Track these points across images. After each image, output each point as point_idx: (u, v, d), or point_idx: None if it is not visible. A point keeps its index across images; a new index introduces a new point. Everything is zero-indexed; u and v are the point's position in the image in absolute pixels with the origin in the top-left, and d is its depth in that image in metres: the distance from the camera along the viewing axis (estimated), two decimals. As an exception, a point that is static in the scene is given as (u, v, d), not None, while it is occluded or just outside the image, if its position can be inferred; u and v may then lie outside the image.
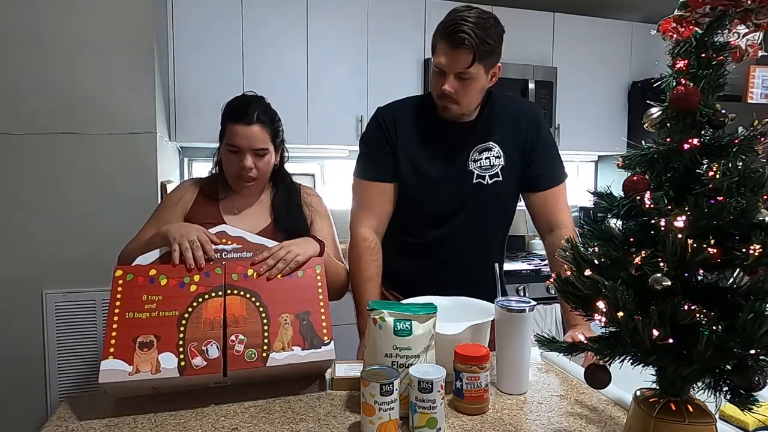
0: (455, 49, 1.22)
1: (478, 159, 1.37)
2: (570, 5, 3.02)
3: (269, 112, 1.37)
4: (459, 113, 1.34)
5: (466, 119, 1.37)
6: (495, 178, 1.38)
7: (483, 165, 1.37)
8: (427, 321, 0.96)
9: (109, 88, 1.97)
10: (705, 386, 0.71)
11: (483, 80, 1.29)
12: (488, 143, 1.38)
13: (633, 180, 0.73)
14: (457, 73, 1.25)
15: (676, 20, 0.73)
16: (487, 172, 1.37)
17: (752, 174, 0.68)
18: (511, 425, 0.92)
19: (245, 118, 1.31)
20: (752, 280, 0.67)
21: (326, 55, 2.65)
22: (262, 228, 1.37)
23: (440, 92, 1.29)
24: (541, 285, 2.63)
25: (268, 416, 0.94)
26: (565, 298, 0.76)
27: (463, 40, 1.20)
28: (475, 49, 1.21)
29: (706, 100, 0.70)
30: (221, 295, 1.06)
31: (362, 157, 1.45)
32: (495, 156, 1.38)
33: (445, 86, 1.27)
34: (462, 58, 1.23)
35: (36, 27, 1.90)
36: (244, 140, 1.31)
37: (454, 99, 1.29)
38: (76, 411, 0.95)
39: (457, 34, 1.21)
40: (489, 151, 1.38)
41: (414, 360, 0.94)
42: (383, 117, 1.42)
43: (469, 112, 1.35)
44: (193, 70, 2.46)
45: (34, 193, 1.93)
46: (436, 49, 1.28)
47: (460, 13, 1.23)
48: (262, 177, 1.37)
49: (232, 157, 1.34)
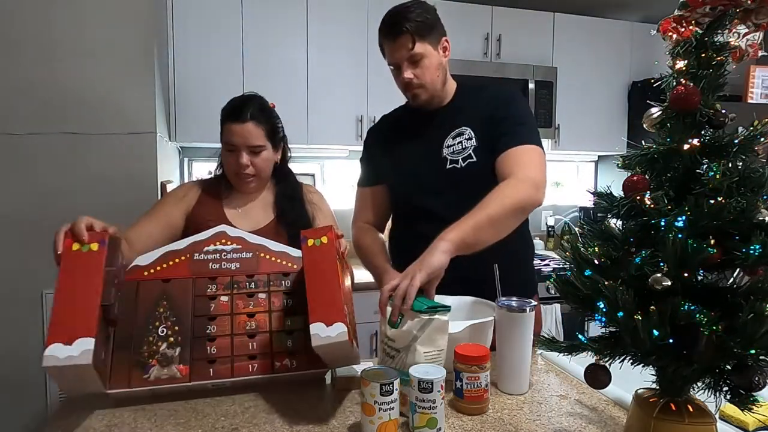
0: (396, 39, 1.31)
1: (452, 145, 1.39)
2: (570, 5, 3.02)
3: (265, 110, 1.39)
4: (428, 96, 1.38)
5: (439, 102, 1.42)
6: (468, 160, 1.37)
7: (455, 150, 1.38)
8: (417, 320, 0.96)
9: (109, 88, 1.97)
10: (705, 386, 0.71)
11: (435, 56, 1.35)
12: (460, 128, 1.40)
13: (633, 180, 0.73)
14: (409, 59, 1.32)
15: (676, 20, 0.73)
16: (459, 155, 1.37)
17: (752, 174, 0.68)
18: (511, 425, 0.92)
19: (239, 116, 1.34)
20: (752, 280, 0.67)
21: (326, 55, 2.65)
22: (264, 225, 1.38)
23: (403, 83, 1.36)
24: (541, 285, 2.63)
25: (268, 416, 0.94)
26: (565, 298, 0.76)
27: (399, 28, 1.29)
28: (412, 29, 1.29)
29: (706, 100, 0.70)
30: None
31: (361, 169, 1.55)
32: (467, 138, 1.39)
33: (403, 75, 1.34)
34: (404, 43, 1.30)
35: (36, 28, 1.90)
36: (239, 138, 1.34)
37: (417, 84, 1.35)
38: (76, 411, 0.95)
39: (393, 26, 1.31)
40: (461, 135, 1.39)
41: (394, 353, 0.97)
42: (371, 131, 1.56)
43: (437, 92, 1.39)
44: (193, 70, 2.46)
45: (34, 193, 1.93)
46: (383, 50, 1.37)
47: (391, 11, 1.33)
48: (261, 174, 1.39)
49: (229, 156, 1.36)
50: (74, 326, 0.84)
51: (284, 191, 1.45)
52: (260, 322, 1.07)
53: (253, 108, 1.36)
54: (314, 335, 0.90)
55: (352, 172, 3.00)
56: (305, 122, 2.63)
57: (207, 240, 1.13)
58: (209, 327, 1.05)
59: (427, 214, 1.39)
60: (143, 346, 1.00)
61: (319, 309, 0.92)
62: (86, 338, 0.84)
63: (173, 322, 1.03)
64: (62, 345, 0.82)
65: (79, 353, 0.82)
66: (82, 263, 0.91)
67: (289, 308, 1.10)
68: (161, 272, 1.08)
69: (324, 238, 1.03)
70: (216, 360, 1.02)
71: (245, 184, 1.39)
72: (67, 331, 0.84)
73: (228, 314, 1.07)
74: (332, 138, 2.70)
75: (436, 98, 1.40)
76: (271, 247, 1.16)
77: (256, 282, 1.11)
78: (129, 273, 1.07)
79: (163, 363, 0.99)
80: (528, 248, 1.52)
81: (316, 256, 1.01)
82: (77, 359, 0.82)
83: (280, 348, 1.06)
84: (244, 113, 1.34)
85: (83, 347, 0.83)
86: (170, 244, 1.13)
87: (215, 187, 1.44)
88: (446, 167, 1.38)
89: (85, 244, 0.94)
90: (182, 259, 1.10)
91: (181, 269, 1.09)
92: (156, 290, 1.06)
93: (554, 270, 2.77)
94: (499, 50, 2.84)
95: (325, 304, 0.93)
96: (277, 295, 1.11)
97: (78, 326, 0.84)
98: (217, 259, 1.12)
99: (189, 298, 1.06)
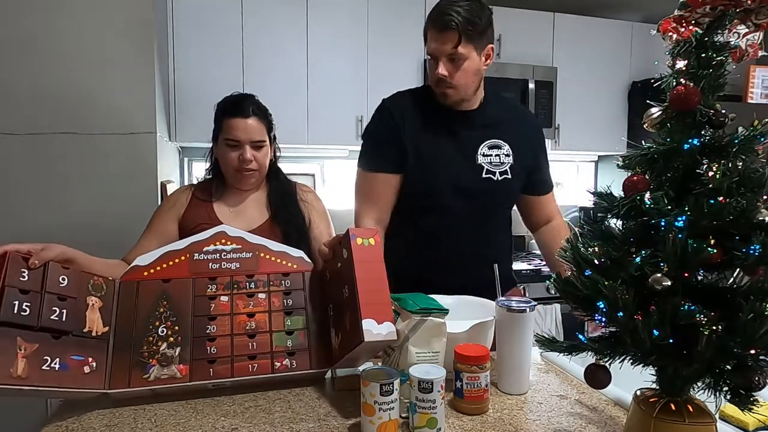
0: (442, 32, 1.28)
1: (488, 155, 1.40)
2: (570, 5, 3.02)
3: (261, 106, 1.42)
4: (458, 98, 1.36)
5: (467, 105, 1.40)
6: (504, 176, 1.42)
7: (493, 161, 1.40)
8: (409, 320, 0.97)
9: (109, 88, 1.97)
10: (705, 386, 0.71)
11: (476, 61, 1.32)
12: (498, 141, 1.42)
13: (633, 180, 0.73)
14: (449, 56, 1.30)
15: (676, 20, 0.73)
16: (497, 168, 1.40)
17: (752, 174, 0.68)
18: (511, 425, 0.92)
19: (242, 111, 1.35)
20: (752, 280, 0.67)
21: (326, 55, 2.65)
22: (259, 224, 1.38)
23: (436, 78, 1.33)
24: (541, 285, 2.63)
25: (268, 416, 0.94)
26: (565, 298, 0.76)
27: (448, 22, 1.26)
28: (461, 28, 1.27)
29: (706, 100, 0.70)
30: None
31: (367, 150, 1.44)
32: (504, 154, 1.42)
33: (438, 70, 1.31)
34: (450, 38, 1.28)
35: (36, 27, 1.90)
36: (243, 133, 1.34)
37: (449, 83, 1.32)
38: (76, 411, 0.95)
39: (443, 17, 1.27)
40: (498, 148, 1.42)
41: (390, 351, 0.99)
42: (389, 108, 1.42)
43: (467, 96, 1.37)
44: (193, 70, 2.46)
45: (34, 193, 1.93)
46: (426, 38, 1.34)
47: (445, 1, 1.30)
48: (262, 169, 1.40)
49: (231, 151, 1.36)
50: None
51: (277, 189, 1.45)
52: (260, 322, 1.07)
53: (253, 104, 1.38)
54: (367, 330, 0.92)
55: (352, 172, 2.99)
56: (305, 122, 2.64)
57: (207, 240, 1.13)
58: (209, 327, 1.04)
59: (443, 213, 1.40)
60: (143, 346, 1.00)
61: (371, 306, 0.95)
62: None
63: (173, 322, 1.03)
64: None
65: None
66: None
67: (289, 308, 1.10)
68: (161, 272, 1.08)
69: (372, 239, 1.04)
70: (216, 360, 1.02)
71: (246, 180, 1.39)
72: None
73: (228, 314, 1.07)
74: (332, 138, 2.70)
75: (465, 102, 1.39)
76: (271, 247, 1.16)
77: (255, 282, 1.11)
78: (128, 273, 1.07)
79: (163, 363, 0.99)
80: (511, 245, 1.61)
81: (367, 255, 1.01)
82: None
83: (280, 348, 1.06)
84: (246, 108, 1.36)
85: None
86: (170, 244, 1.13)
87: (205, 190, 1.43)
88: (482, 175, 1.40)
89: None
90: (182, 259, 1.10)
91: (181, 269, 1.09)
92: (156, 290, 1.06)
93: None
94: (500, 50, 2.84)
95: (377, 303, 0.95)
96: (277, 295, 1.11)
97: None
98: (217, 259, 1.12)
99: (189, 298, 1.06)
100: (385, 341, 0.94)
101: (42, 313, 0.92)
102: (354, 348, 0.95)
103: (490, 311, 1.10)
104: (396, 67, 2.76)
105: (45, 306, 0.93)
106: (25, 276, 0.93)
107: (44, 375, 0.88)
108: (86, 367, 0.94)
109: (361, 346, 0.93)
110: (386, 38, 2.73)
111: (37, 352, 0.89)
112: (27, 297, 0.91)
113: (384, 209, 1.42)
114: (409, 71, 2.79)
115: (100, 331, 0.99)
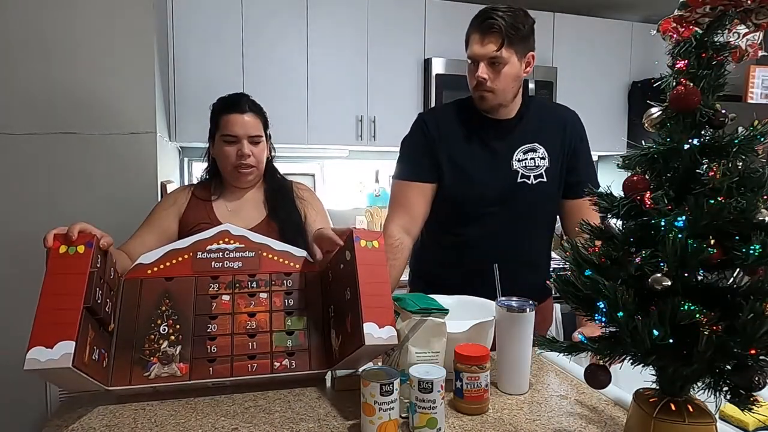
0: (485, 35, 1.30)
1: (523, 159, 1.39)
2: (570, 5, 3.02)
3: (257, 103, 1.44)
4: (495, 103, 1.36)
5: (505, 113, 1.40)
6: (539, 179, 1.40)
7: (528, 165, 1.39)
8: (409, 320, 0.97)
9: (109, 89, 1.97)
10: (705, 386, 0.71)
11: (516, 67, 1.33)
12: (533, 144, 1.40)
13: (633, 180, 0.73)
14: (490, 60, 1.31)
15: (676, 20, 0.73)
16: (531, 172, 1.39)
17: (752, 174, 0.68)
18: (511, 425, 0.92)
19: (238, 107, 1.38)
20: (752, 280, 0.67)
21: (326, 55, 2.65)
22: (257, 223, 1.38)
23: (475, 81, 1.33)
24: (541, 285, 2.62)
25: (268, 416, 0.94)
26: (565, 298, 0.76)
27: (492, 26, 1.28)
28: (504, 32, 1.28)
29: (706, 100, 0.70)
30: None
31: (402, 159, 1.47)
32: (540, 157, 1.40)
33: (478, 73, 1.31)
34: (492, 42, 1.29)
35: (36, 27, 1.90)
36: (240, 128, 1.36)
37: (488, 87, 1.32)
38: (76, 411, 0.95)
39: (487, 21, 1.29)
40: (534, 152, 1.40)
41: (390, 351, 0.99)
42: (425, 120, 1.45)
43: (505, 102, 1.37)
44: (193, 70, 2.46)
45: (34, 193, 1.93)
46: (468, 42, 1.35)
47: (490, 6, 1.31)
48: (259, 165, 1.41)
49: (228, 148, 1.37)
50: (56, 329, 0.84)
51: (274, 187, 1.46)
52: (261, 321, 1.07)
53: (248, 101, 1.41)
54: (368, 334, 0.92)
55: (352, 172, 3.01)
56: (305, 122, 2.63)
57: (210, 239, 1.13)
58: (210, 326, 1.05)
59: (477, 222, 1.40)
60: (145, 344, 1.00)
61: (373, 310, 0.94)
62: (67, 341, 0.84)
63: (175, 320, 1.03)
64: (44, 348, 0.83)
65: (59, 356, 0.83)
66: (67, 266, 0.91)
67: (290, 308, 1.10)
68: (164, 270, 1.08)
69: (375, 242, 1.04)
70: (216, 359, 1.02)
71: (244, 176, 1.40)
72: (48, 335, 0.84)
73: (229, 313, 1.07)
74: (332, 138, 2.70)
75: (502, 108, 1.38)
76: (273, 247, 1.16)
77: (257, 281, 1.11)
78: (132, 271, 1.07)
79: (163, 361, 0.99)
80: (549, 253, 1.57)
81: (370, 258, 1.01)
82: (57, 362, 0.82)
83: (280, 348, 1.06)
84: (242, 104, 1.38)
85: (63, 351, 0.83)
86: (173, 243, 1.13)
87: (204, 190, 1.45)
88: (517, 180, 1.39)
89: (72, 247, 0.93)
90: (185, 258, 1.10)
91: (183, 268, 1.09)
92: (158, 288, 1.06)
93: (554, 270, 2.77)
94: (499, 50, 2.84)
95: (378, 307, 0.95)
96: (278, 295, 1.11)
97: (59, 329, 0.84)
98: (219, 257, 1.12)
99: (191, 296, 1.06)
100: (386, 345, 0.94)
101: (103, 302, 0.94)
102: (354, 351, 0.95)
103: (490, 311, 1.10)
104: (396, 67, 2.76)
105: (104, 295, 0.95)
106: (98, 263, 0.94)
107: (92, 365, 0.89)
108: (104, 361, 0.96)
109: (362, 349, 0.92)
110: (386, 39, 2.73)
111: (93, 340, 0.91)
112: (100, 284, 0.94)
113: (413, 218, 1.41)
114: (409, 72, 2.79)
115: (110, 327, 1.00)
